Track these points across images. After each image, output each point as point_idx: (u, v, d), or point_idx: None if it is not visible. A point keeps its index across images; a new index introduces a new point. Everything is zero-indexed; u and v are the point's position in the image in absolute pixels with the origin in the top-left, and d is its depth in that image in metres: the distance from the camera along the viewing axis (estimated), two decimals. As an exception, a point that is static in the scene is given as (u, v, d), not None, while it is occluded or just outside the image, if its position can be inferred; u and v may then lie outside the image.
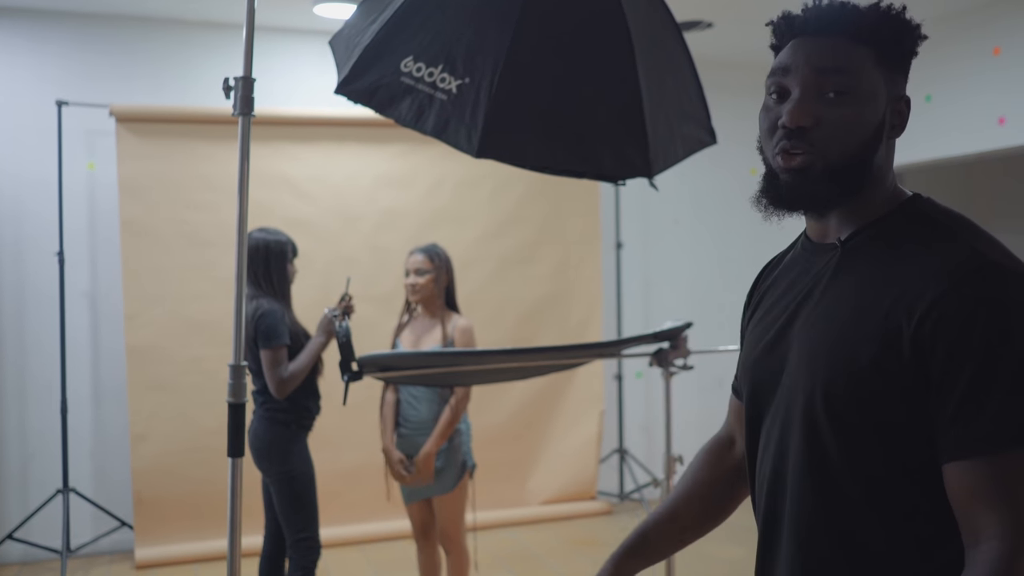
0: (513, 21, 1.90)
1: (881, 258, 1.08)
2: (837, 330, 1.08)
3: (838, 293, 1.11)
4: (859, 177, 1.10)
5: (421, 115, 1.95)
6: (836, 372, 1.06)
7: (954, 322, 0.98)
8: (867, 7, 1.13)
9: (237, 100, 1.88)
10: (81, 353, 4.33)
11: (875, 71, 1.10)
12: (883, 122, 1.11)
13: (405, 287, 3.21)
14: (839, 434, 1.06)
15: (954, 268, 1.00)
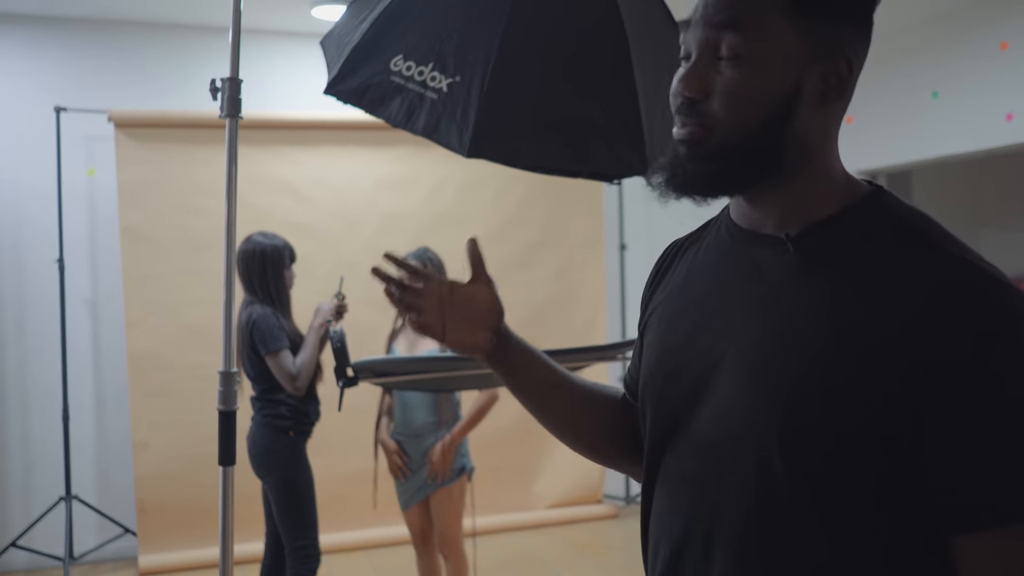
0: (504, 17, 1.86)
1: (854, 268, 0.87)
2: (803, 359, 0.85)
3: (798, 309, 0.88)
4: (764, 159, 0.89)
5: (412, 115, 1.92)
6: (801, 413, 0.84)
7: (940, 344, 0.79)
8: None
9: (224, 102, 1.84)
10: (82, 360, 4.31)
11: (783, 23, 0.87)
12: (799, 88, 0.88)
13: None
14: (815, 499, 0.84)
15: (945, 282, 0.81)
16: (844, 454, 0.82)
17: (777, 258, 0.92)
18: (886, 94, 4.79)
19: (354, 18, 2.09)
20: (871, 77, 4.91)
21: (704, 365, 0.93)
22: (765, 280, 0.92)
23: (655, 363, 1.00)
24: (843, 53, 0.89)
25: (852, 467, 0.82)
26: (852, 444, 0.82)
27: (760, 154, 0.89)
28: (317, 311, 3.02)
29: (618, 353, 2.67)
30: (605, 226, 4.97)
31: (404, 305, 1.16)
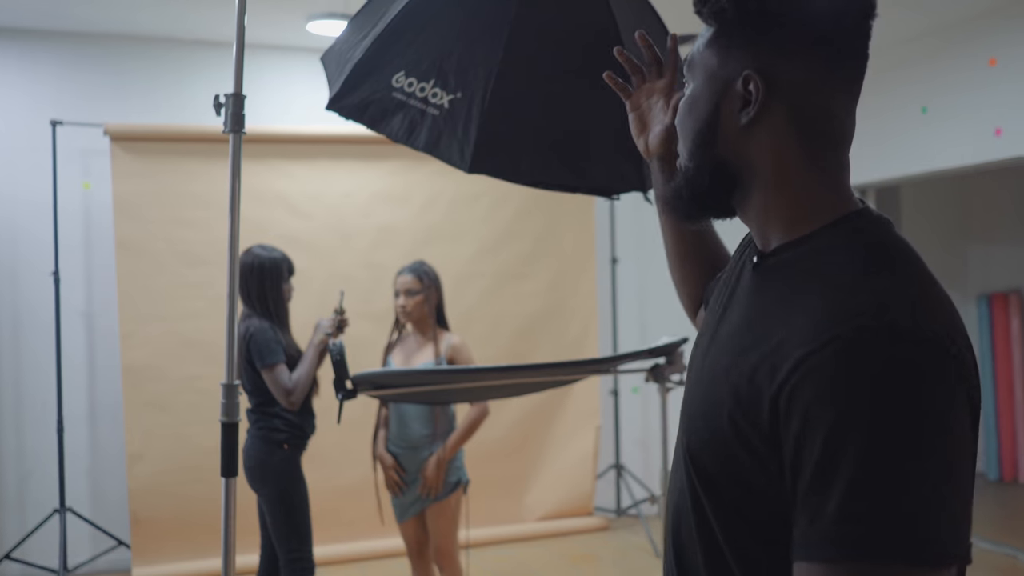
0: (504, 35, 1.90)
1: (784, 289, 0.91)
2: (718, 372, 0.92)
3: (738, 326, 0.94)
4: (707, 174, 0.96)
5: (413, 130, 1.95)
6: (701, 423, 0.92)
7: (811, 391, 0.79)
8: None
9: (227, 117, 1.86)
10: (77, 372, 4.31)
11: (707, 52, 0.95)
12: (715, 110, 0.94)
13: (395, 308, 3.19)
14: (707, 495, 0.91)
15: (832, 322, 0.81)
16: (725, 468, 0.88)
17: (749, 276, 0.98)
18: (875, 109, 4.85)
19: (355, 34, 2.12)
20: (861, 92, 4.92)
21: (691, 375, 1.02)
22: (736, 294, 0.99)
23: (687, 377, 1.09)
24: (754, 70, 0.91)
25: (734, 480, 0.88)
26: (733, 462, 0.87)
27: (697, 176, 0.97)
28: (317, 327, 3.03)
29: (613, 366, 2.70)
30: (597, 239, 5.01)
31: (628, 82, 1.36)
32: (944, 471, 0.77)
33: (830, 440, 0.77)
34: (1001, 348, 5.81)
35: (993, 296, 5.87)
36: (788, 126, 0.92)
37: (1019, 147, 4.18)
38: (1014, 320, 5.77)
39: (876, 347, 0.78)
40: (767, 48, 0.91)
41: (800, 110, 0.91)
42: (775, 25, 0.90)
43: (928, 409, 0.78)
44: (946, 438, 0.78)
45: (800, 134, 0.92)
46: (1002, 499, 5.60)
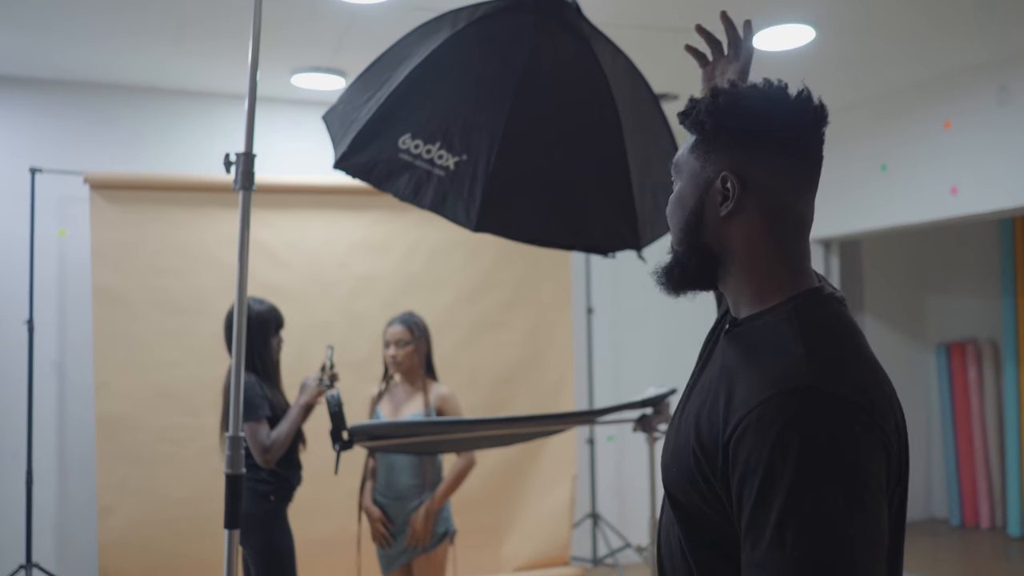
0: (508, 101, 1.99)
1: (743, 354, 1.10)
2: (689, 420, 1.11)
3: (708, 382, 1.13)
4: (693, 258, 1.16)
5: (419, 190, 2.02)
6: (675, 464, 1.12)
7: (751, 441, 0.97)
8: (700, 97, 1.19)
9: (238, 175, 1.91)
10: (48, 423, 4.24)
11: (690, 157, 1.16)
12: (700, 206, 1.14)
13: (385, 358, 3.22)
14: (684, 528, 1.10)
15: (770, 384, 1.00)
16: (692, 501, 1.08)
17: (720, 344, 1.18)
18: (838, 166, 5.04)
19: (359, 96, 2.19)
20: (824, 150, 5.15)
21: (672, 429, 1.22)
22: (712, 355, 1.19)
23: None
24: (730, 172, 1.11)
25: (699, 512, 1.08)
26: (695, 495, 1.07)
27: (685, 259, 1.17)
28: (303, 387, 3.03)
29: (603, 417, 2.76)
30: (573, 290, 5.09)
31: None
32: (858, 510, 0.94)
33: (763, 490, 0.95)
34: (960, 396, 5.99)
35: (951, 346, 6.06)
36: (759, 218, 1.11)
37: (974, 205, 4.38)
38: (971, 369, 5.96)
39: (793, 407, 0.97)
40: (740, 154, 1.11)
41: (768, 204, 1.11)
42: (746, 135, 1.11)
43: (844, 461, 0.95)
44: (861, 487, 0.95)
45: (769, 224, 1.12)
46: (964, 544, 5.72)
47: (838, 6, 3.47)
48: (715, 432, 1.03)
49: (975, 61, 4.22)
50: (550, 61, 2.05)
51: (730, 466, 1.00)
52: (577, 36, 2.08)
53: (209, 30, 3.67)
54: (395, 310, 3.58)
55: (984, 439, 5.87)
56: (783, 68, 4.17)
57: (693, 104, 1.16)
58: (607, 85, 2.06)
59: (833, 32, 3.76)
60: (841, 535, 0.93)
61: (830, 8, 3.49)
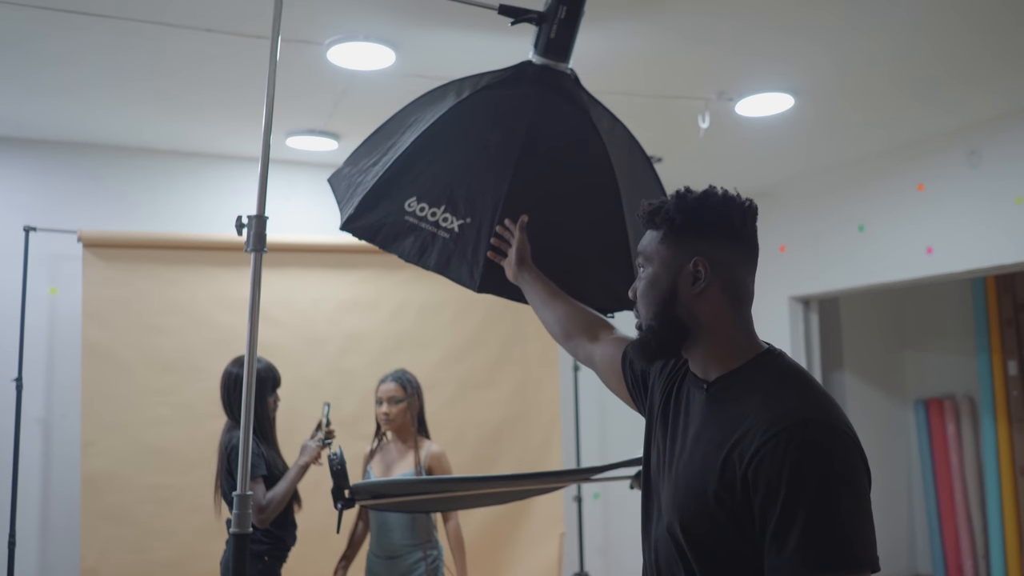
0: (511, 168, 2.07)
1: (732, 405, 1.32)
2: (695, 467, 1.31)
3: (700, 433, 1.34)
4: (669, 332, 1.40)
5: (424, 252, 2.08)
6: (691, 504, 1.29)
7: (770, 467, 1.19)
8: (664, 199, 1.45)
9: (250, 237, 1.97)
10: (32, 482, 4.20)
11: (661, 247, 1.41)
12: (674, 286, 1.39)
13: (377, 416, 3.25)
14: (698, 560, 1.28)
15: (776, 421, 1.22)
16: (718, 539, 1.26)
17: (699, 397, 1.40)
18: (816, 226, 5.18)
19: (365, 159, 2.26)
20: (803, 211, 5.38)
21: (664, 471, 1.42)
22: (691, 411, 1.41)
23: (646, 472, 1.51)
24: (700, 258, 1.38)
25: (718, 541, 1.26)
26: (722, 532, 1.25)
27: (664, 330, 1.40)
28: (303, 449, 3.05)
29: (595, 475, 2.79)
30: (559, 348, 5.15)
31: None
32: (860, 513, 1.19)
33: (786, 502, 1.17)
34: (939, 451, 6.07)
35: (930, 401, 6.16)
36: (722, 294, 1.39)
37: (949, 264, 4.51)
38: (950, 425, 6.05)
39: (803, 435, 1.20)
40: (706, 242, 1.39)
41: (728, 282, 1.39)
42: (709, 228, 1.40)
43: (846, 475, 1.19)
44: (860, 493, 1.20)
45: (729, 299, 1.40)
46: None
47: (815, 76, 3.63)
48: (732, 468, 1.24)
49: (946, 127, 4.39)
50: (551, 129, 2.13)
51: (751, 492, 1.20)
52: (576, 105, 2.17)
53: (203, 93, 3.75)
54: (385, 367, 3.62)
55: (965, 494, 5.93)
56: (765, 133, 4.33)
57: (660, 204, 1.43)
58: (605, 151, 2.14)
59: (811, 100, 3.91)
60: (853, 538, 1.16)
61: (808, 78, 3.65)
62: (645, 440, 1.56)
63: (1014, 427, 5.65)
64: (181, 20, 2.99)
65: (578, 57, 2.18)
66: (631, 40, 3.23)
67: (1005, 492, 5.64)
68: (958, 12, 3.04)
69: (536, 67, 2.17)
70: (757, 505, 1.20)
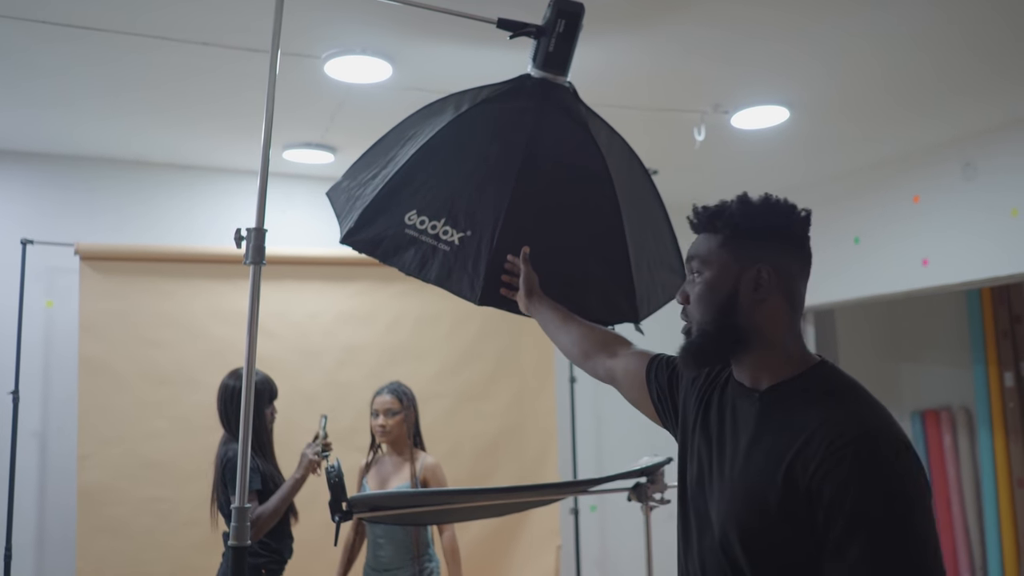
0: (511, 181, 2.07)
1: (789, 416, 1.31)
2: (751, 477, 1.30)
3: (754, 443, 1.33)
4: (725, 338, 1.38)
5: (425, 264, 2.08)
6: (749, 515, 1.28)
7: (835, 479, 1.19)
8: (725, 203, 1.44)
9: (249, 250, 1.97)
10: (28, 495, 4.18)
11: (722, 251, 1.39)
12: (735, 291, 1.38)
13: (373, 428, 3.24)
14: (755, 571, 1.28)
15: (841, 433, 1.22)
16: (778, 549, 1.25)
17: (750, 406, 1.38)
18: (812, 239, 5.17)
19: (364, 173, 2.27)
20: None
21: (711, 486, 1.40)
22: (739, 421, 1.39)
23: (688, 483, 1.48)
24: (762, 265, 1.37)
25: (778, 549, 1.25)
26: (783, 541, 1.24)
27: (720, 336, 1.38)
28: (302, 458, 3.03)
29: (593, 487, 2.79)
30: (555, 360, 5.15)
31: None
32: (927, 527, 1.18)
33: (852, 516, 1.17)
34: (936, 463, 6.07)
35: (926, 413, 6.17)
36: (783, 302, 1.38)
37: (944, 276, 4.53)
38: (946, 436, 6.06)
39: (871, 446, 1.20)
40: (770, 250, 1.38)
41: (787, 290, 1.38)
42: (774, 236, 1.39)
43: (912, 490, 1.19)
44: (926, 508, 1.20)
45: (788, 308, 1.39)
46: (946, 614, 5.72)
47: (811, 89, 3.65)
48: (794, 478, 1.23)
49: (941, 138, 4.42)
50: (550, 142, 2.14)
51: (815, 504, 1.20)
52: (575, 117, 2.17)
53: (198, 105, 3.76)
54: (381, 380, 3.61)
55: (962, 506, 5.93)
56: (760, 146, 4.35)
57: (721, 208, 1.42)
58: (604, 164, 2.15)
59: (807, 113, 3.93)
60: (924, 544, 1.17)
61: (803, 91, 3.67)
62: (680, 453, 1.54)
63: (1010, 438, 5.66)
64: (176, 33, 2.99)
65: (574, 70, 2.19)
66: (626, 53, 3.25)
67: (1002, 504, 5.64)
68: (953, 24, 3.06)
69: (535, 80, 2.18)
70: (822, 518, 1.20)
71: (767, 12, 2.93)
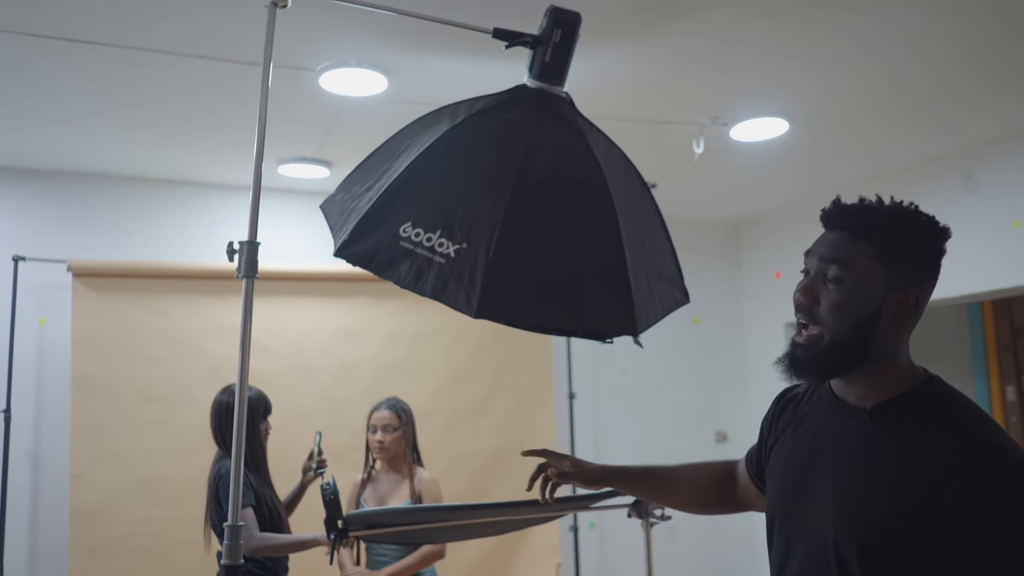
0: (508, 192, 2.03)
1: (911, 436, 1.24)
2: (875, 497, 1.23)
3: (873, 461, 1.26)
4: (855, 353, 1.29)
5: (420, 277, 2.03)
6: (873, 533, 1.22)
7: (981, 513, 1.13)
8: (876, 206, 1.34)
9: (241, 263, 1.93)
10: (20, 516, 4.12)
11: (873, 264, 1.29)
12: (880, 308, 1.29)
13: (371, 444, 3.19)
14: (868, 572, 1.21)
15: (979, 462, 1.17)
16: (900, 570, 1.19)
17: (856, 424, 1.32)
18: (812, 252, 5.16)
19: (358, 185, 2.23)
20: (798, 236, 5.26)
21: (803, 509, 1.34)
22: (846, 439, 1.32)
23: (774, 497, 1.43)
24: (913, 288, 1.30)
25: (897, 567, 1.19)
26: (905, 565, 1.18)
27: (851, 350, 1.29)
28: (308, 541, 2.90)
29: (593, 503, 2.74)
30: (554, 376, 5.11)
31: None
32: None
33: (1006, 548, 1.12)
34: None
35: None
36: (912, 322, 1.33)
37: (945, 289, 4.44)
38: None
39: (1018, 483, 1.14)
40: (923, 272, 1.32)
41: (917, 314, 1.33)
42: (930, 259, 1.32)
43: None
44: None
45: (911, 328, 1.34)
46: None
47: (809, 100, 3.62)
48: (925, 503, 1.17)
49: (942, 150, 4.39)
50: (547, 153, 2.10)
51: (956, 532, 1.14)
52: (572, 128, 2.14)
53: (205, 126, 3.73)
54: (377, 397, 3.56)
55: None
56: (760, 158, 4.32)
57: (874, 211, 1.33)
58: (601, 175, 2.11)
59: (806, 125, 3.91)
60: None
61: (802, 102, 3.65)
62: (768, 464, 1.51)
63: (1014, 453, 5.62)
64: (171, 47, 2.97)
65: (571, 82, 2.16)
66: (624, 65, 3.22)
67: (1006, 519, 5.59)
68: (954, 35, 3.04)
69: (531, 91, 2.15)
70: (967, 547, 1.14)
71: (765, 23, 2.91)
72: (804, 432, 1.42)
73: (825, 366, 1.32)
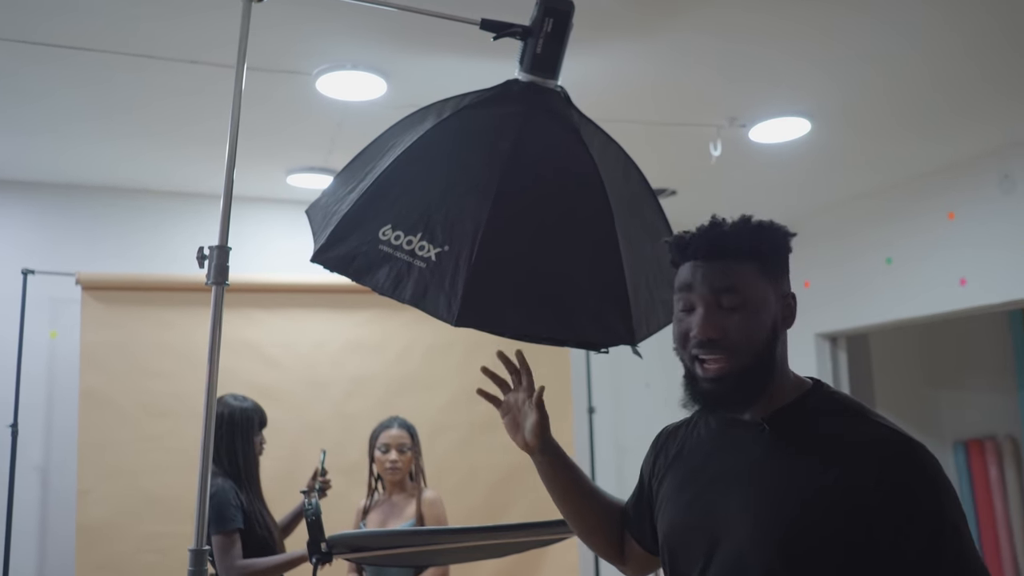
0: (493, 190, 1.91)
1: (812, 436, 1.28)
2: (790, 499, 1.23)
3: (780, 465, 1.28)
4: (768, 371, 1.31)
5: (399, 283, 1.91)
6: (793, 534, 1.21)
7: (901, 490, 1.17)
8: (743, 226, 1.33)
9: (211, 269, 1.83)
10: (27, 532, 4.07)
11: (759, 281, 1.32)
12: (776, 320, 1.33)
13: (382, 464, 3.07)
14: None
15: (886, 447, 1.21)
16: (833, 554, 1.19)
17: (754, 436, 1.33)
18: (842, 260, 4.97)
19: (341, 188, 2.12)
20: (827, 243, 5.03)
21: (711, 522, 1.31)
22: (745, 453, 1.32)
23: (673, 521, 1.40)
24: (790, 293, 1.37)
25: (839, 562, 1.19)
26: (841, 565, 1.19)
27: (764, 369, 1.31)
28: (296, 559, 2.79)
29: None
30: (573, 389, 4.96)
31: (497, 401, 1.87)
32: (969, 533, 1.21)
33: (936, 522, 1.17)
34: (982, 496, 5.74)
35: (969, 443, 5.85)
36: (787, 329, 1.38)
37: (983, 296, 4.27)
38: (992, 467, 5.73)
39: (918, 454, 1.21)
40: (788, 278, 1.38)
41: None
42: (787, 266, 1.38)
43: (956, 497, 1.22)
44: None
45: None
46: (996, 657, 5.39)
47: (832, 98, 3.45)
48: (841, 493, 1.19)
49: (977, 150, 4.18)
50: (537, 149, 1.98)
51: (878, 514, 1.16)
52: (565, 123, 2.02)
53: (200, 133, 3.67)
54: (390, 411, 3.46)
55: (1011, 541, 5.59)
56: (782, 161, 4.15)
57: (731, 231, 1.33)
58: (597, 173, 1.98)
59: (829, 124, 3.73)
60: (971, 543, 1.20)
61: (824, 101, 3.48)
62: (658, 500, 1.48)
63: (1060, 469, 5.34)
64: (166, 53, 2.90)
65: (580, 82, 2.04)
66: (635, 64, 3.08)
67: (1054, 539, 5.31)
68: (996, 24, 2.85)
69: (522, 85, 2.03)
70: (891, 529, 1.16)
71: (773, 20, 2.76)
72: (697, 456, 1.42)
73: (751, 392, 1.32)
